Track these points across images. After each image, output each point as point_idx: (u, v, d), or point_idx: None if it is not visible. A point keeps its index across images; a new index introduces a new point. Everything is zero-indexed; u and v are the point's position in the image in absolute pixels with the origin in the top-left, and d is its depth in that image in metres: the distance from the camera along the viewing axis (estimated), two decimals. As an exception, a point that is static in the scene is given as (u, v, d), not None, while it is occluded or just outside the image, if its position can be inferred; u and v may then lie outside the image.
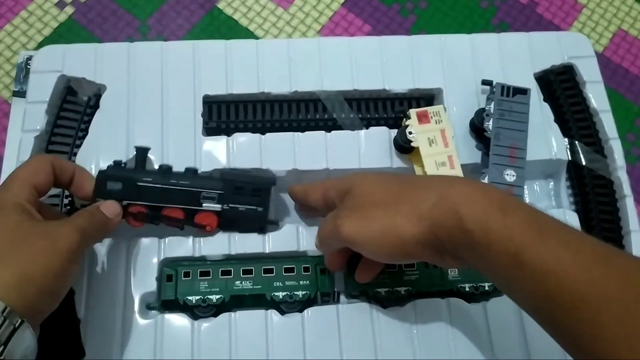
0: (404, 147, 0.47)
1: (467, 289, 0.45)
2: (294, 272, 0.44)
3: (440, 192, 0.34)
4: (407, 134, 0.46)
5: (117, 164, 0.42)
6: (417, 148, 0.46)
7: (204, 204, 0.43)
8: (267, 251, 0.44)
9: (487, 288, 0.45)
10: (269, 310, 0.43)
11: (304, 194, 0.44)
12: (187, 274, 0.43)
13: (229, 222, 0.44)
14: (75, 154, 0.47)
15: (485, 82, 0.51)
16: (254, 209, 0.44)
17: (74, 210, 0.46)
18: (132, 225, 0.43)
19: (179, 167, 0.46)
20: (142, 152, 0.43)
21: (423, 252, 0.35)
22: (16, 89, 0.52)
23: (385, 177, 0.39)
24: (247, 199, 0.43)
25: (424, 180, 0.40)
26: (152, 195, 0.42)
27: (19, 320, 0.30)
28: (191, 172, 0.44)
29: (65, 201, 0.46)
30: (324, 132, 0.48)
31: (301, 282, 0.44)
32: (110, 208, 0.40)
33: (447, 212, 0.33)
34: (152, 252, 0.44)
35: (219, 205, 0.43)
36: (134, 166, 0.43)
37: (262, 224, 0.45)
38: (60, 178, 0.40)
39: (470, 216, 0.32)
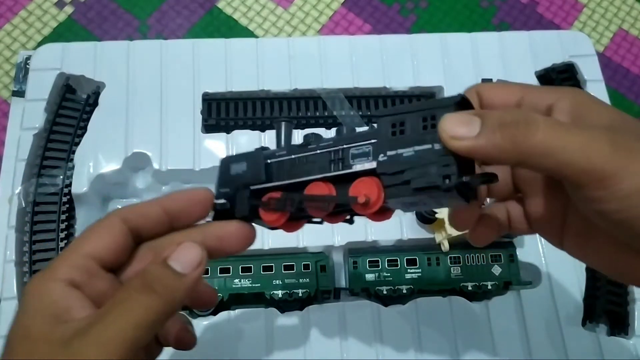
0: (427, 218, 0.45)
1: (469, 288, 0.45)
2: (293, 269, 0.44)
3: None
4: None
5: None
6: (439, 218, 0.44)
7: (355, 166, 0.26)
8: (266, 248, 0.44)
9: (489, 287, 0.45)
10: (269, 309, 0.43)
11: (486, 90, 0.27)
12: (185, 272, 0.43)
13: (397, 183, 0.24)
14: (74, 152, 0.47)
15: (485, 81, 0.51)
16: (429, 147, 0.23)
17: (72, 210, 0.46)
18: (269, 222, 0.28)
19: (178, 165, 0.46)
20: (287, 128, 0.30)
21: None
22: (15, 89, 0.52)
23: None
24: (415, 136, 0.24)
25: None
26: (284, 172, 0.28)
27: None
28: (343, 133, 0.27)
29: (64, 199, 0.46)
30: (324, 129, 0.48)
31: (301, 280, 0.43)
32: (185, 255, 0.25)
33: None
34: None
35: (374, 162, 0.25)
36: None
37: (451, 168, 0.23)
38: (148, 224, 0.27)
39: None
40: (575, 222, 0.27)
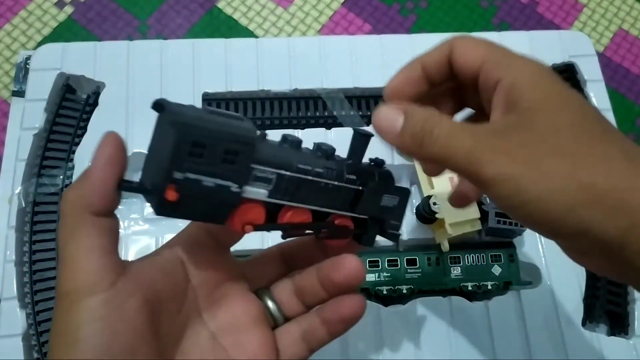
0: (427, 218, 0.44)
1: (469, 288, 0.45)
2: (293, 269, 0.44)
3: None
4: (431, 204, 0.43)
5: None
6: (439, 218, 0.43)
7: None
8: (265, 248, 0.44)
9: (489, 287, 0.45)
10: (269, 309, 0.43)
11: (457, 46, 0.29)
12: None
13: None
14: (74, 152, 0.47)
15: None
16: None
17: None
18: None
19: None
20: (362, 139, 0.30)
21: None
22: (15, 89, 0.52)
23: (588, 118, 0.25)
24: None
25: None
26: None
27: None
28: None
29: (64, 199, 0.46)
30: (324, 129, 0.48)
31: (301, 280, 0.43)
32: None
33: None
34: (150, 250, 0.44)
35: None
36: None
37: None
38: None
39: None
40: None
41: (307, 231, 0.28)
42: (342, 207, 0.29)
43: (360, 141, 0.30)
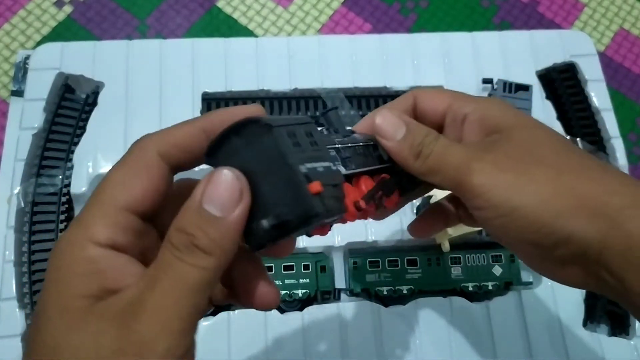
0: None
1: (470, 288, 0.45)
2: (293, 269, 0.43)
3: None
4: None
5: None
6: None
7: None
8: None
9: (490, 287, 0.45)
10: (269, 309, 0.43)
11: (422, 96, 0.30)
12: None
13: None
14: (73, 152, 0.47)
15: (485, 81, 0.51)
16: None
17: (71, 210, 0.46)
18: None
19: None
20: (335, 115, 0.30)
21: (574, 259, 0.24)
22: (14, 88, 0.51)
23: (559, 136, 0.27)
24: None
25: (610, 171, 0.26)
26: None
27: None
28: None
29: (64, 199, 0.46)
30: (324, 128, 0.48)
31: (301, 281, 0.43)
32: (219, 191, 0.20)
33: None
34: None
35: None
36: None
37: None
38: (190, 157, 0.23)
39: None
40: None
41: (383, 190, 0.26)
42: (374, 163, 0.28)
43: (334, 116, 0.31)
